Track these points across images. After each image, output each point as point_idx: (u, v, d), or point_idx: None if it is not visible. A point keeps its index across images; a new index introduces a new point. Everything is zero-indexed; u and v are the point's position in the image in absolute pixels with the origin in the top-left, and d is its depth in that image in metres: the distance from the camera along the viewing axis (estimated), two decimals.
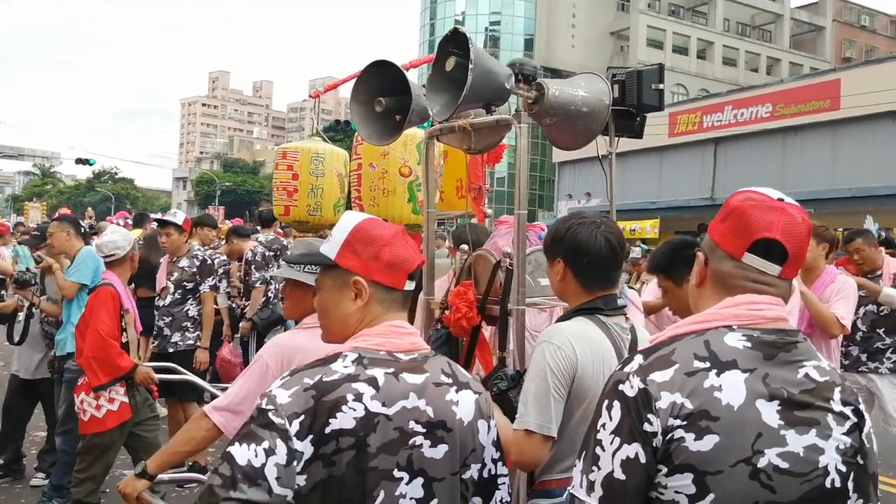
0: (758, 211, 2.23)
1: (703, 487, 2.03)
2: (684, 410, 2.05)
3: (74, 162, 59.39)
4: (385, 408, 2.33)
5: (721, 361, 2.11)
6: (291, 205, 9.59)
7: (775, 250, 2.22)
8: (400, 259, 2.57)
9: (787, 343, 2.19)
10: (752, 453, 2.03)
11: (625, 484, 2.07)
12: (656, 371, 2.12)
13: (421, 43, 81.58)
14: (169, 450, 3.83)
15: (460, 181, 7.60)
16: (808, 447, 2.07)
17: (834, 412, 2.13)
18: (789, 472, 2.05)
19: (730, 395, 2.06)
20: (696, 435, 2.03)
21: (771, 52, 79.03)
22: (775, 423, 2.07)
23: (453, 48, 4.31)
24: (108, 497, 7.25)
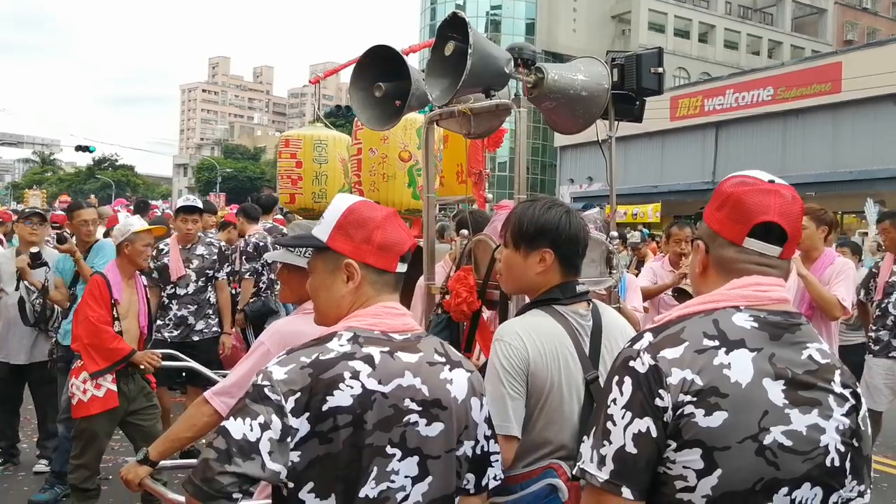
0: (753, 195, 2.27)
1: (711, 463, 2.06)
2: (694, 387, 2.09)
3: (74, 149, 59.27)
4: (381, 385, 2.35)
5: (730, 340, 2.15)
6: (296, 192, 9.58)
7: (774, 232, 2.26)
8: (391, 241, 2.58)
9: (792, 325, 2.23)
10: (759, 430, 2.07)
11: (636, 458, 2.11)
12: (666, 348, 2.16)
13: (422, 27, 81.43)
14: (171, 436, 3.82)
15: (461, 166, 7.59)
16: (810, 426, 2.12)
17: (835, 393, 2.18)
18: (793, 450, 2.09)
19: (738, 373, 2.10)
20: (705, 411, 2.07)
21: (772, 35, 78.86)
22: (780, 401, 2.11)
23: (452, 32, 4.30)
24: (109, 484, 7.26)
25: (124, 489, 3.88)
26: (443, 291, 4.80)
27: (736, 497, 2.08)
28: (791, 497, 2.11)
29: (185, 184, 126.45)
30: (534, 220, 3.27)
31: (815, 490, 2.14)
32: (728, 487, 2.08)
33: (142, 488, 3.71)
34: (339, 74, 16.82)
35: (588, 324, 3.26)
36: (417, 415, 2.40)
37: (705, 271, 2.39)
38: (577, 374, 3.12)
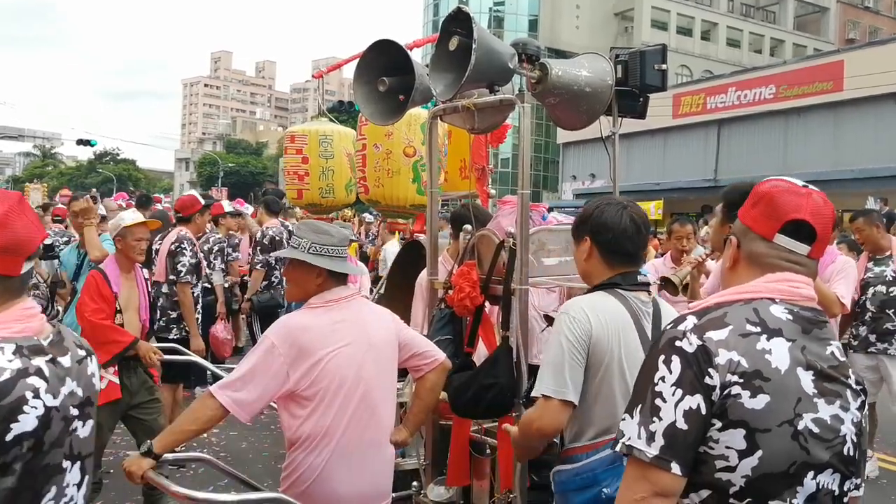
0: (787, 195, 2.39)
1: (753, 444, 2.15)
2: (741, 368, 2.17)
3: (75, 143, 59.18)
4: (55, 400, 2.25)
5: (770, 328, 2.25)
6: (303, 188, 9.58)
7: (804, 231, 2.36)
8: (16, 242, 2.29)
9: (820, 321, 2.35)
10: (794, 416, 2.18)
11: (686, 434, 2.17)
12: (712, 330, 2.24)
13: (425, 23, 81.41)
14: (175, 429, 3.84)
15: (464, 161, 7.60)
16: (833, 416, 2.24)
17: (852, 388, 2.32)
18: (820, 437, 2.20)
19: (777, 360, 2.21)
20: (751, 393, 2.16)
21: (775, 33, 78.76)
22: (811, 390, 2.22)
23: (457, 27, 4.31)
24: (111, 478, 7.27)
25: (126, 483, 3.89)
26: (446, 286, 4.81)
27: (772, 478, 2.17)
28: (816, 481, 2.21)
29: (186, 178, 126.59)
30: (580, 213, 3.59)
31: (834, 476, 2.24)
32: (767, 469, 2.16)
33: (144, 481, 3.71)
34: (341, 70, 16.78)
35: (649, 310, 3.45)
36: (77, 419, 2.36)
37: (735, 265, 2.49)
38: (636, 352, 3.30)
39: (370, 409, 3.95)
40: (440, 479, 5.02)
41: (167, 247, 8.61)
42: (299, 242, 4.00)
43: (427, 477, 5.10)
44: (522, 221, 4.27)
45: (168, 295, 8.59)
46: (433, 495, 4.99)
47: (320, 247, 3.95)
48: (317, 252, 3.94)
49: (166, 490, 3.66)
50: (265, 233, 10.01)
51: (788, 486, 2.18)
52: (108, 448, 6.67)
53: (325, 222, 4.20)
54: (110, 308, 6.21)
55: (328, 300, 3.96)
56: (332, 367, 3.81)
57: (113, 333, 6.17)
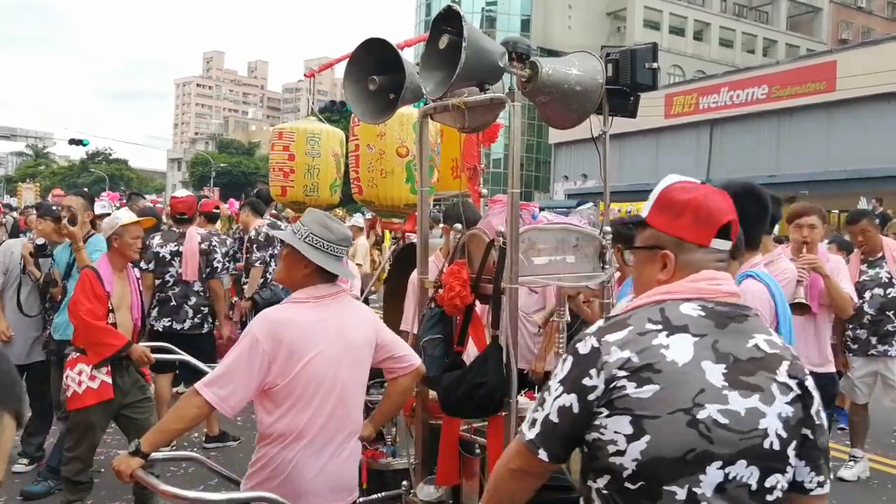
0: (711, 199, 2.50)
1: (640, 429, 2.24)
2: (630, 364, 2.28)
3: (68, 142, 59.10)
4: None
5: (673, 325, 2.35)
6: (288, 185, 9.55)
7: (728, 229, 2.49)
8: None
9: (740, 315, 2.42)
10: (693, 405, 2.24)
11: (556, 427, 2.39)
12: (611, 333, 2.38)
13: (417, 23, 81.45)
14: (162, 428, 3.83)
15: (456, 161, 7.59)
16: (749, 409, 2.28)
17: (778, 382, 2.34)
18: (729, 428, 2.24)
19: (676, 354, 2.29)
20: (637, 384, 2.26)
21: (768, 33, 78.92)
22: (719, 383, 2.28)
23: (447, 26, 4.30)
24: (102, 477, 7.26)
25: (116, 482, 3.88)
26: (436, 285, 4.81)
27: (664, 463, 2.24)
28: (725, 472, 2.25)
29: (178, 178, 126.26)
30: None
31: (751, 469, 2.27)
32: (657, 453, 2.23)
33: (133, 480, 3.71)
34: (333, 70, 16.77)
35: None
36: None
37: (673, 276, 2.51)
38: None
39: (344, 408, 3.97)
40: (430, 478, 5.02)
41: (195, 246, 8.84)
42: (300, 229, 4.01)
43: (417, 476, 5.10)
44: (512, 220, 4.27)
45: (200, 293, 8.86)
46: (423, 495, 4.98)
47: (317, 240, 3.95)
48: (312, 244, 3.94)
49: (155, 489, 3.66)
50: (259, 230, 10.02)
51: (687, 473, 2.24)
52: (100, 447, 6.65)
53: (334, 218, 4.16)
54: (104, 307, 6.19)
55: (313, 296, 3.96)
56: (311, 368, 3.81)
57: (106, 336, 6.16)
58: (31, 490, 7.26)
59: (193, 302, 8.76)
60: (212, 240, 9.07)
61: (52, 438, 8.10)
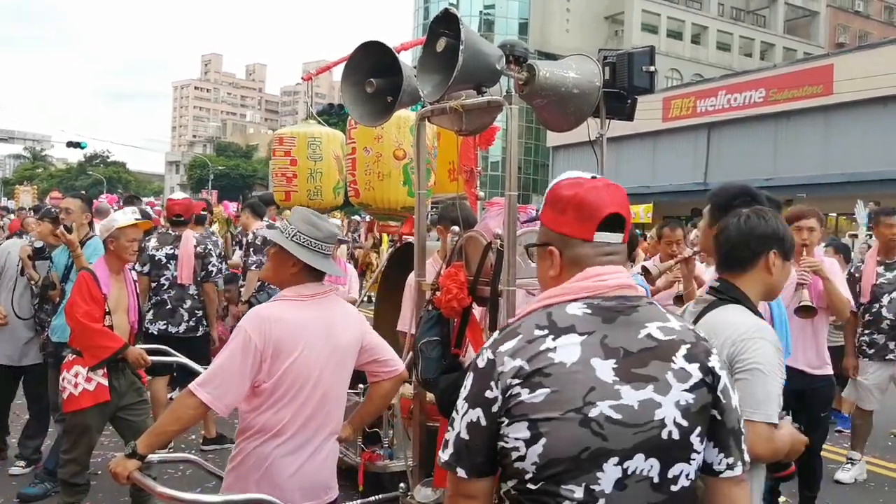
0: (592, 193, 2.49)
1: (537, 433, 2.25)
2: (523, 371, 2.29)
3: (66, 145, 59.18)
4: None
5: (559, 328, 2.35)
6: (291, 190, 9.57)
7: (616, 222, 2.48)
8: None
9: (628, 307, 2.42)
10: (584, 404, 2.25)
11: (468, 443, 2.37)
12: (504, 343, 2.38)
13: (415, 27, 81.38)
14: (157, 430, 3.83)
15: (452, 164, 7.61)
16: (643, 401, 2.28)
17: (674, 369, 2.34)
18: (622, 423, 2.25)
19: (563, 355, 2.29)
20: (530, 390, 2.27)
21: (765, 37, 78.95)
22: (610, 378, 2.28)
23: (444, 29, 4.31)
24: (99, 479, 7.26)
25: (113, 484, 3.89)
26: (433, 288, 4.81)
27: (562, 463, 2.25)
28: (623, 467, 2.26)
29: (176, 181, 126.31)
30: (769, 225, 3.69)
31: (650, 461, 2.28)
32: (553, 455, 2.25)
33: (130, 482, 3.72)
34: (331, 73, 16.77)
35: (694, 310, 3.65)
36: None
37: (562, 272, 2.53)
38: None
39: (325, 408, 3.97)
40: (427, 480, 5.02)
41: (190, 249, 8.81)
42: (286, 228, 4.01)
43: (414, 479, 5.10)
44: (510, 223, 4.27)
45: (195, 296, 8.85)
46: (420, 497, 4.98)
47: (304, 238, 3.95)
48: (299, 242, 3.94)
49: (152, 491, 3.66)
50: (257, 233, 10.02)
51: (583, 472, 2.25)
52: (96, 449, 6.63)
53: (320, 216, 4.16)
54: (100, 310, 6.19)
55: (302, 294, 3.96)
56: (297, 367, 3.81)
57: (103, 338, 6.15)
58: (27, 492, 7.25)
59: (188, 305, 8.75)
60: (207, 243, 9.05)
61: (49, 441, 8.09)
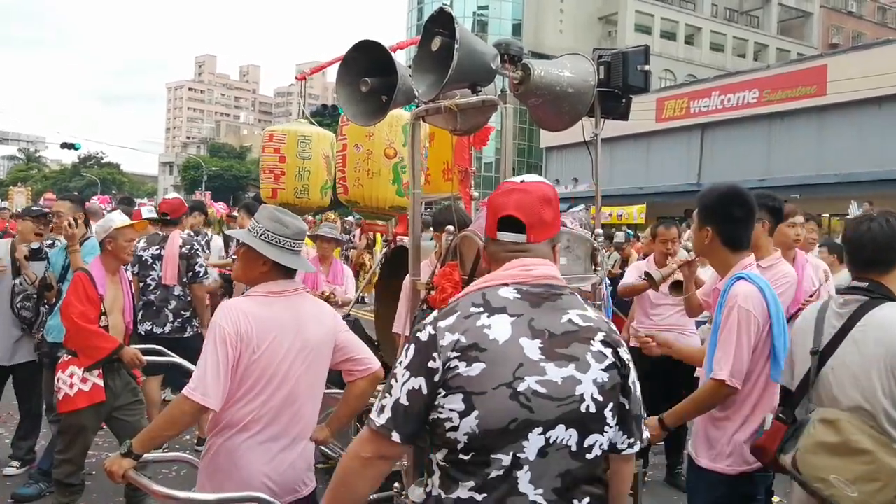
0: (498, 197, 2.84)
1: (471, 405, 2.50)
2: (460, 345, 2.54)
3: (60, 146, 59.10)
4: None
5: (493, 307, 2.62)
6: (278, 187, 9.54)
7: (516, 223, 2.76)
8: None
9: (553, 294, 2.71)
10: (513, 379, 2.51)
11: (408, 409, 2.59)
12: (443, 319, 2.64)
13: (409, 27, 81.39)
14: (153, 432, 3.85)
15: (447, 164, 7.60)
16: (566, 378, 2.56)
17: (593, 351, 2.63)
18: (547, 396, 2.52)
19: (497, 333, 2.56)
20: (467, 363, 2.51)
21: (758, 37, 79.00)
22: (536, 356, 2.55)
23: (439, 28, 4.31)
24: (94, 479, 7.26)
25: (108, 484, 3.90)
26: (428, 287, 4.81)
27: (491, 434, 2.50)
28: (546, 436, 2.53)
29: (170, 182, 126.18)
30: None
31: (570, 432, 2.55)
32: (485, 426, 2.49)
33: (125, 481, 3.72)
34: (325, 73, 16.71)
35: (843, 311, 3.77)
36: None
37: (490, 267, 2.87)
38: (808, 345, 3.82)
39: (293, 406, 3.96)
40: (421, 480, 5.00)
41: (175, 250, 8.73)
42: (254, 226, 4.01)
43: (408, 478, 5.09)
44: None
45: (180, 297, 8.75)
46: (414, 496, 4.96)
47: (272, 236, 3.96)
48: (267, 240, 3.95)
49: (147, 489, 3.66)
50: None
51: (511, 441, 2.50)
52: (91, 450, 6.64)
53: (287, 212, 4.17)
54: (96, 310, 6.18)
55: (271, 291, 3.97)
56: (263, 362, 3.81)
57: (98, 339, 6.15)
58: (22, 493, 7.24)
59: (173, 306, 8.68)
60: (193, 244, 8.98)
61: (43, 441, 8.08)
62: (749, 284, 4.22)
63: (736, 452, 4.22)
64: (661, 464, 8.42)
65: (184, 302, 8.76)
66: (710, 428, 4.34)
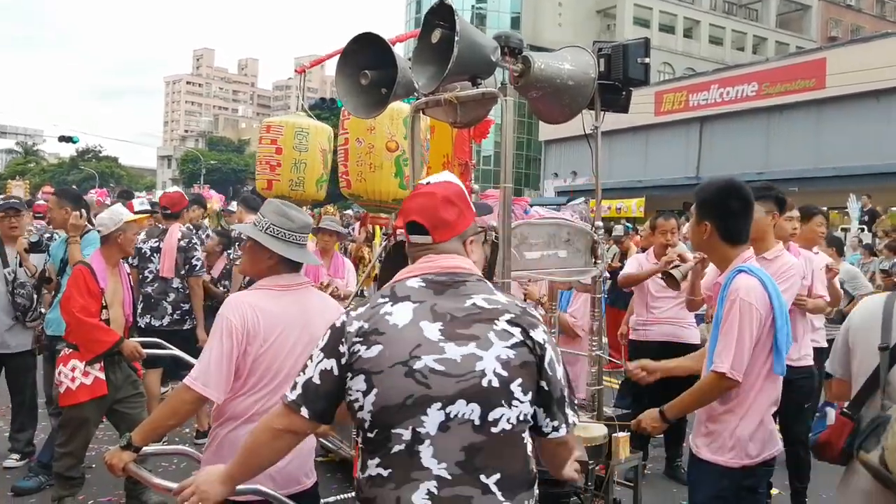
0: (407, 202, 3.03)
1: (370, 384, 2.67)
2: (362, 330, 2.72)
3: (58, 140, 59.10)
4: None
5: (398, 296, 2.81)
6: (274, 179, 9.53)
7: (420, 226, 2.93)
8: None
9: (457, 282, 2.85)
10: (409, 358, 2.64)
11: (318, 387, 2.78)
12: (356, 310, 2.85)
13: (407, 20, 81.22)
14: (154, 423, 3.85)
15: (447, 157, 7.60)
16: (466, 355, 2.66)
17: (496, 330, 2.72)
18: (445, 373, 2.64)
19: (397, 318, 2.72)
20: (367, 346, 2.69)
21: (757, 30, 78.92)
22: (435, 337, 2.68)
23: (439, 20, 4.30)
24: (94, 472, 7.26)
25: (108, 477, 3.89)
26: None
27: (391, 409, 2.64)
28: (446, 411, 2.63)
29: (169, 175, 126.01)
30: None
31: (471, 406, 2.64)
32: (384, 403, 2.65)
33: (126, 473, 3.73)
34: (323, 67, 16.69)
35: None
36: None
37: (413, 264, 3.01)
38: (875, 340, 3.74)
39: None
40: None
41: (174, 243, 8.71)
42: (260, 221, 4.03)
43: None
44: (505, 215, 4.27)
45: (179, 289, 8.76)
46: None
47: (277, 230, 3.99)
48: (273, 234, 3.98)
49: (147, 482, 3.67)
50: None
51: (409, 416, 2.63)
52: (91, 443, 6.64)
53: (293, 206, 4.18)
54: (97, 303, 6.18)
55: (279, 284, 3.99)
56: (270, 355, 3.83)
57: (99, 332, 6.15)
58: (21, 485, 7.23)
59: (172, 298, 8.69)
60: (192, 237, 8.96)
61: (42, 434, 8.08)
62: (751, 277, 4.21)
63: (738, 446, 4.21)
64: (661, 456, 8.42)
65: (182, 294, 8.76)
66: (712, 422, 4.33)
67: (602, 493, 4.95)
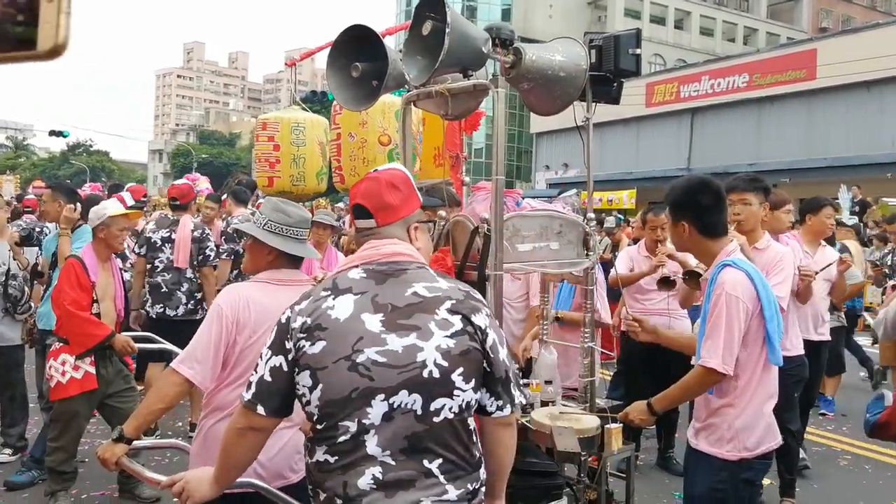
0: (355, 187, 3.06)
1: (316, 380, 2.72)
2: (306, 326, 2.76)
3: (48, 134, 58.87)
4: None
5: (339, 289, 2.84)
6: (274, 175, 9.55)
7: (364, 209, 2.99)
8: None
9: (398, 270, 2.89)
10: (352, 352, 2.70)
11: (270, 384, 2.82)
12: (298, 304, 2.87)
13: (398, 13, 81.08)
14: (143, 411, 3.89)
15: (438, 149, 7.60)
16: (407, 346, 2.72)
17: (437, 320, 2.78)
18: (387, 365, 2.69)
19: (339, 312, 2.76)
20: (311, 342, 2.73)
21: (748, 21, 79.01)
22: (377, 329, 2.73)
23: (430, 12, 4.29)
24: (86, 466, 7.25)
25: (101, 472, 3.89)
26: None
27: (335, 403, 2.70)
28: (389, 402, 2.68)
29: (160, 169, 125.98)
30: None
31: (413, 396, 2.70)
32: (329, 396, 2.70)
33: (119, 467, 3.74)
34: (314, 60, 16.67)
35: None
36: None
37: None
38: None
39: None
40: None
41: (187, 234, 8.81)
42: (258, 218, 4.10)
43: None
44: (497, 207, 4.27)
45: (192, 279, 8.87)
46: None
47: (275, 225, 4.05)
48: (271, 230, 4.04)
49: (140, 476, 3.67)
50: (229, 222, 10.00)
51: (355, 408, 2.68)
52: (84, 437, 6.64)
53: (290, 202, 4.22)
54: (88, 297, 6.18)
55: (277, 278, 4.05)
56: (257, 348, 3.75)
57: (90, 326, 6.15)
58: (14, 480, 7.23)
59: (186, 288, 8.78)
60: (204, 228, 9.06)
61: (35, 429, 8.06)
62: (736, 271, 4.22)
63: (736, 438, 4.23)
64: (653, 447, 8.44)
65: (196, 284, 8.88)
66: (710, 414, 4.34)
67: (595, 485, 4.95)
